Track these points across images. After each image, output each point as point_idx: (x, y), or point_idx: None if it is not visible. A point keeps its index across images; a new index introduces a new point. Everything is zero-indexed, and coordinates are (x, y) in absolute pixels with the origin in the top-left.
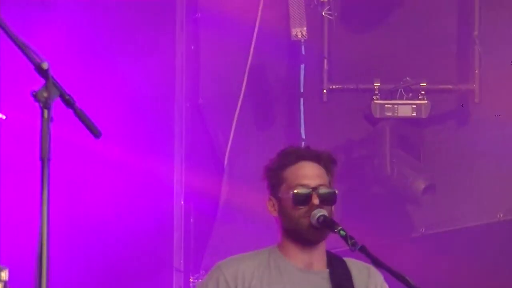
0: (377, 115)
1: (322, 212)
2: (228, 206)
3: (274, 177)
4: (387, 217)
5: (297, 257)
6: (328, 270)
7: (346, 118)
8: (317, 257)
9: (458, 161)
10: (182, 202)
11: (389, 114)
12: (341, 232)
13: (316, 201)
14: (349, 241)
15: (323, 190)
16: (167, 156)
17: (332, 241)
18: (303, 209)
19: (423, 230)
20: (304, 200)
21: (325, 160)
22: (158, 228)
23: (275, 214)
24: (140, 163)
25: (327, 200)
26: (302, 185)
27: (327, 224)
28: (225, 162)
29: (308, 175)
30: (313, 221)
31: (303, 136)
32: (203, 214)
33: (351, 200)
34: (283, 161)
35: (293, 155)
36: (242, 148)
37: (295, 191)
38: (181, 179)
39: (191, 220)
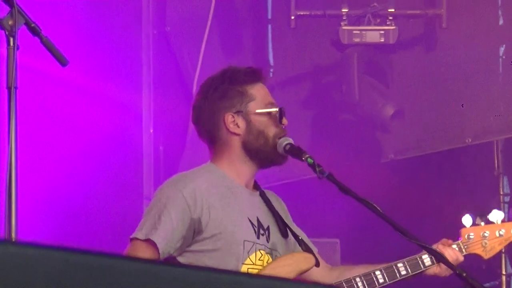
0: (345, 41)
1: (288, 140)
2: (196, 133)
3: (238, 93)
4: (355, 143)
5: (243, 176)
6: (258, 191)
7: (314, 44)
8: (254, 179)
9: (426, 86)
10: (151, 131)
11: (357, 40)
12: (309, 160)
13: (285, 120)
14: (316, 169)
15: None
16: (135, 84)
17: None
18: (278, 128)
19: (392, 156)
20: (280, 117)
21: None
22: (127, 157)
23: (238, 131)
24: (108, 91)
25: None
26: (272, 104)
27: (294, 152)
28: (194, 89)
29: (271, 96)
30: (280, 149)
31: (271, 63)
32: (172, 142)
33: (319, 127)
34: (247, 78)
35: (256, 74)
36: (211, 74)
37: (275, 108)
38: (150, 107)
39: (161, 148)
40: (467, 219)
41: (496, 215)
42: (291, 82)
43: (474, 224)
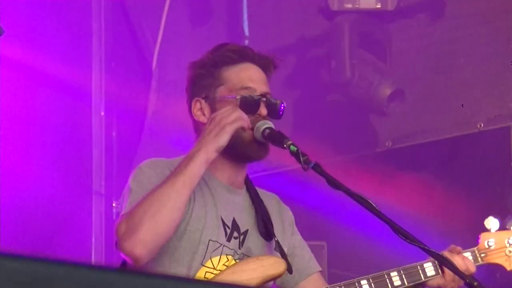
0: (335, 8)
1: (268, 124)
2: (157, 117)
3: (209, 75)
4: (346, 129)
5: (224, 172)
6: (245, 187)
7: (298, 12)
8: (242, 175)
9: (430, 62)
10: (102, 113)
11: (349, 6)
12: (292, 147)
13: (264, 110)
14: (301, 158)
15: (272, 100)
16: (83, 59)
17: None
18: (248, 116)
19: (390, 144)
20: (251, 106)
21: (269, 67)
22: (74, 144)
23: (202, 119)
24: (51, 67)
25: (275, 112)
26: (248, 88)
27: (275, 138)
28: (154, 65)
29: (255, 79)
30: (257, 134)
31: (247, 34)
32: (127, 127)
33: (304, 110)
34: (224, 58)
35: (236, 53)
36: (174, 48)
37: (242, 94)
38: (101, 86)
39: (113, 134)
40: (492, 222)
41: None
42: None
43: (502, 228)
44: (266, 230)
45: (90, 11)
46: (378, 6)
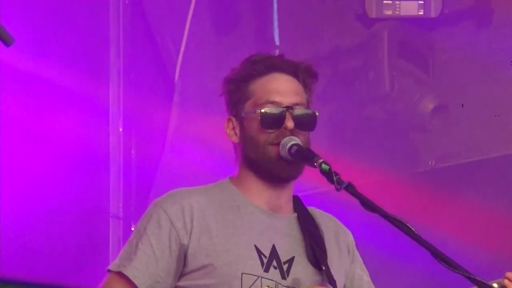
0: (373, 15)
1: (294, 140)
2: (180, 133)
3: (237, 91)
4: (384, 147)
5: (261, 196)
6: (295, 214)
7: (333, 19)
8: (286, 199)
9: (477, 74)
10: (121, 129)
11: (389, 13)
12: (323, 165)
13: (290, 123)
14: (333, 177)
15: (299, 111)
16: (100, 69)
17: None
18: (273, 133)
19: (432, 163)
20: (275, 121)
21: (304, 73)
22: (89, 162)
23: (235, 139)
24: (65, 78)
25: (304, 123)
26: (273, 103)
27: (303, 156)
28: (176, 76)
29: (282, 91)
30: (283, 152)
31: (277, 43)
32: (147, 144)
33: (338, 126)
34: (250, 71)
35: (263, 64)
36: (198, 59)
37: (264, 109)
38: (119, 100)
39: (132, 152)
40: None
41: None
42: None
43: None
44: (315, 257)
45: (107, 18)
46: (421, 12)
